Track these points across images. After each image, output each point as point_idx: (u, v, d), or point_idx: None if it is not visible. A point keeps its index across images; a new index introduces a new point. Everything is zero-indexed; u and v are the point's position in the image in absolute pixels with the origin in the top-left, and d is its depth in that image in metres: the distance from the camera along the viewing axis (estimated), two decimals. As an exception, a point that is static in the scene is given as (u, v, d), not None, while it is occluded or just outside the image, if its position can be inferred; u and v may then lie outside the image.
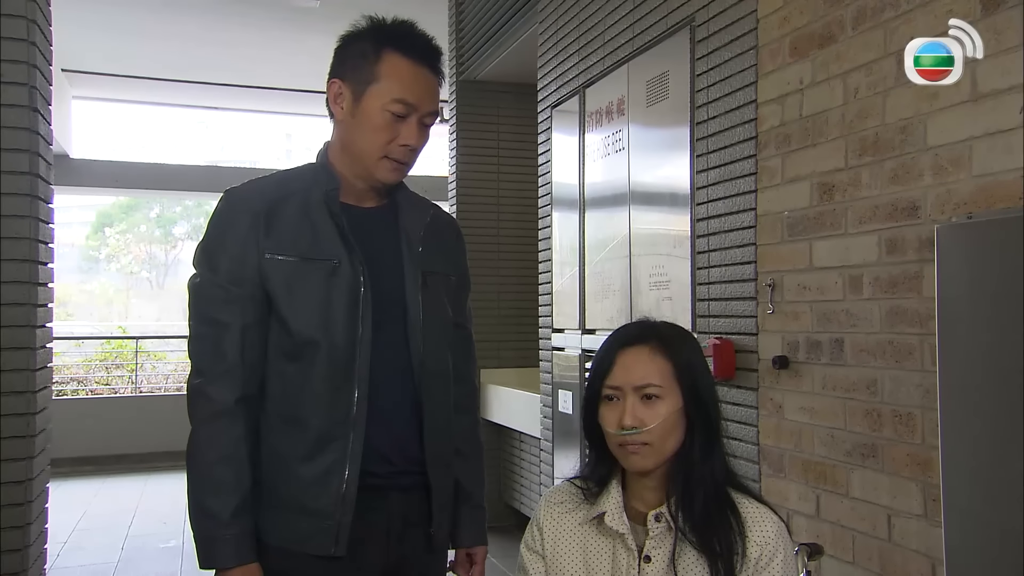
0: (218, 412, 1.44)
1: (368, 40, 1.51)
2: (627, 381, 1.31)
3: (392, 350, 1.52)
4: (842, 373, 2.13)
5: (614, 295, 3.37)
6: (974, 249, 1.69)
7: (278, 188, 1.53)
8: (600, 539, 1.35)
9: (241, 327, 1.46)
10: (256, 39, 6.88)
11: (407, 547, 1.55)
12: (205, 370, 1.46)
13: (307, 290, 1.47)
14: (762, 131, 2.43)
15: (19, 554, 2.65)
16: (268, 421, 1.49)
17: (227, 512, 1.41)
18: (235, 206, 1.51)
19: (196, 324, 1.49)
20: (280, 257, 1.47)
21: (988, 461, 1.63)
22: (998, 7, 1.71)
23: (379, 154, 1.51)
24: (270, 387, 1.49)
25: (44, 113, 2.87)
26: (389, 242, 1.57)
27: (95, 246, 22.48)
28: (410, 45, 1.51)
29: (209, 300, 1.47)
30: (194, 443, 1.47)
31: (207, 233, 1.52)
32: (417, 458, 1.54)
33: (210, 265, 1.48)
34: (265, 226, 1.47)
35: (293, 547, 1.47)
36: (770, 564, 1.28)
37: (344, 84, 1.52)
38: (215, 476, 1.43)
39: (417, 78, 1.51)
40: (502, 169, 5.55)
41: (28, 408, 2.70)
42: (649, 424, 1.28)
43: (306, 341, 1.46)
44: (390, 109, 1.49)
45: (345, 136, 1.54)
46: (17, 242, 2.70)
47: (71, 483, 6.72)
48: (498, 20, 4.95)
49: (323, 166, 1.57)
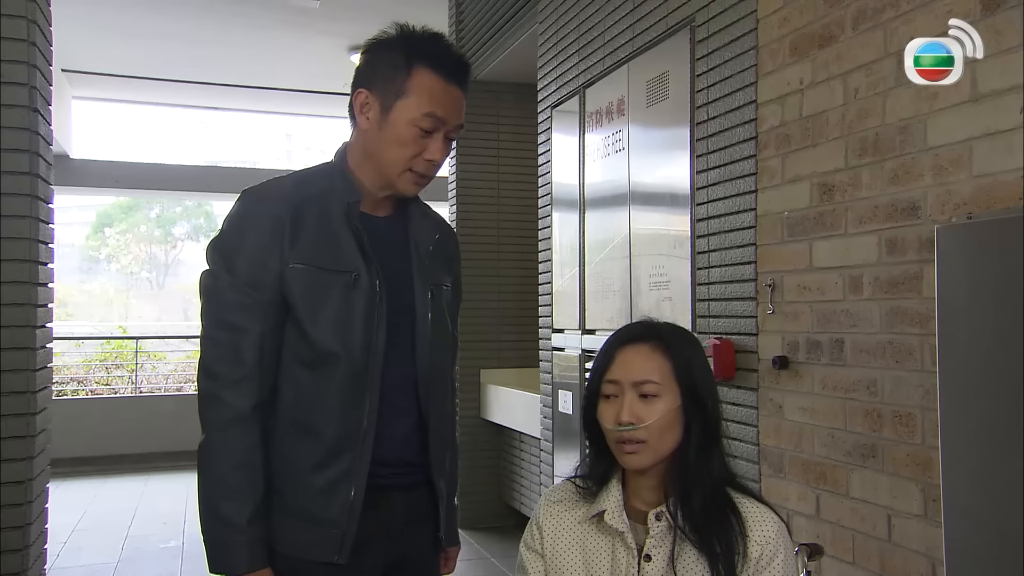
0: (234, 418, 1.43)
1: (399, 52, 1.50)
2: (626, 377, 1.31)
3: (401, 361, 1.53)
4: (842, 373, 2.13)
5: (614, 295, 3.37)
6: (974, 249, 1.69)
7: (298, 192, 1.51)
8: (599, 537, 1.35)
9: (260, 333, 1.44)
10: (256, 39, 6.88)
11: (408, 544, 1.56)
12: (222, 375, 1.44)
13: (328, 301, 1.46)
14: (762, 131, 2.43)
15: (19, 554, 2.65)
16: (279, 428, 1.48)
17: (243, 518, 1.41)
18: (257, 209, 1.49)
19: (211, 327, 1.47)
20: (303, 267, 1.46)
21: (988, 461, 1.63)
22: (998, 7, 1.71)
23: (404, 168, 1.51)
24: (283, 394, 1.48)
25: (44, 113, 2.87)
26: (400, 254, 1.58)
27: (95, 246, 22.49)
28: (442, 62, 1.51)
29: (226, 303, 1.45)
30: (209, 449, 1.45)
31: (225, 233, 1.50)
32: (418, 461, 1.55)
33: (228, 267, 1.46)
34: (291, 234, 1.46)
35: (296, 553, 1.46)
36: (771, 564, 1.28)
37: (372, 94, 1.51)
38: (231, 482, 1.42)
39: (448, 95, 1.51)
40: (502, 169, 5.55)
41: (28, 408, 2.70)
42: (646, 420, 1.29)
43: (327, 352, 1.45)
44: (419, 124, 1.48)
45: (369, 146, 1.53)
46: (17, 242, 2.70)
47: (71, 483, 6.72)
48: (498, 20, 4.95)
49: (342, 172, 1.56)
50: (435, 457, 1.57)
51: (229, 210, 1.53)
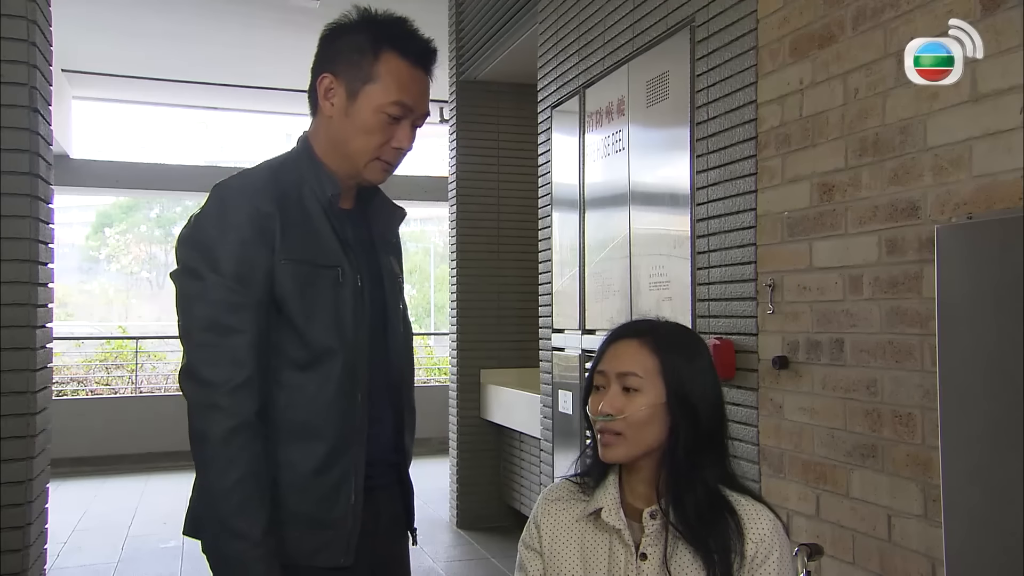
0: (238, 427, 1.33)
1: (364, 34, 1.46)
2: (612, 369, 1.33)
3: (379, 357, 1.51)
4: (842, 373, 2.13)
5: (614, 295, 3.37)
6: (974, 249, 1.69)
7: (276, 184, 1.45)
8: (597, 534, 1.35)
9: (256, 334, 1.36)
10: (256, 39, 6.88)
11: (386, 543, 1.56)
12: (219, 381, 1.33)
13: (321, 297, 1.42)
14: (762, 131, 2.43)
15: (19, 554, 2.65)
16: (272, 435, 1.39)
17: (258, 531, 1.33)
18: (237, 203, 1.40)
19: (198, 330, 1.36)
20: (294, 262, 1.40)
21: (988, 461, 1.63)
22: (998, 7, 1.71)
23: (371, 155, 1.47)
24: (275, 400, 1.40)
25: (44, 113, 2.87)
26: (367, 247, 1.55)
27: (95, 246, 22.47)
28: (409, 46, 1.47)
29: (215, 303, 1.35)
30: (213, 461, 1.34)
31: (203, 229, 1.39)
32: (395, 460, 1.56)
33: (212, 266, 1.36)
34: (281, 230, 1.39)
35: (301, 561, 1.41)
36: (766, 561, 1.27)
37: (337, 79, 1.46)
38: (241, 495, 1.33)
39: (415, 81, 1.48)
40: (502, 169, 5.55)
41: (28, 408, 2.70)
42: (624, 413, 1.30)
43: (324, 350, 1.41)
44: (387, 111, 1.45)
45: (335, 134, 1.48)
46: (17, 242, 2.70)
47: (71, 483, 6.72)
48: (498, 20, 4.95)
49: (313, 162, 1.49)
50: (407, 453, 1.57)
51: (203, 206, 1.43)
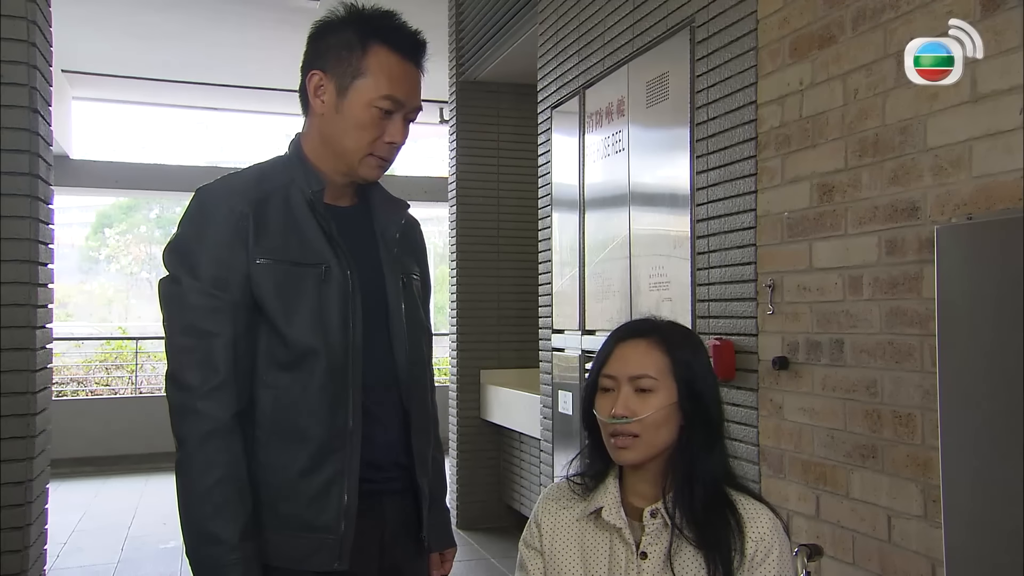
0: (213, 431, 1.34)
1: (351, 30, 1.45)
2: (622, 371, 1.32)
3: (379, 356, 1.48)
4: (842, 374, 2.13)
5: (614, 296, 3.37)
6: (974, 250, 1.69)
7: (256, 186, 1.44)
8: (598, 534, 1.35)
9: (232, 337, 1.36)
10: (256, 39, 6.88)
11: (398, 553, 1.52)
12: (195, 385, 1.34)
13: (301, 296, 1.40)
14: (762, 132, 2.43)
15: (19, 555, 2.65)
16: (260, 436, 1.40)
17: (234, 535, 1.32)
18: (214, 206, 1.41)
19: (178, 334, 1.37)
20: (271, 262, 1.39)
21: (988, 461, 1.63)
22: (998, 7, 1.71)
23: (365, 151, 1.46)
24: (261, 400, 1.40)
25: (44, 114, 2.87)
26: (368, 244, 1.53)
27: (95, 247, 22.46)
28: (398, 39, 1.46)
29: (193, 308, 1.36)
30: (188, 465, 1.35)
31: (182, 234, 1.41)
32: (404, 463, 1.52)
33: (190, 270, 1.37)
34: (255, 230, 1.39)
35: (293, 566, 1.40)
36: (766, 560, 1.28)
37: (326, 76, 1.45)
38: (217, 499, 1.33)
39: (406, 74, 1.46)
40: (502, 169, 5.55)
41: (28, 409, 2.70)
42: (640, 414, 1.29)
43: (305, 350, 1.39)
44: (378, 106, 1.43)
45: (327, 131, 1.47)
46: (17, 243, 2.70)
47: (71, 484, 6.72)
48: (498, 20, 4.95)
49: (301, 162, 1.49)
50: (419, 456, 1.52)
51: (184, 211, 1.44)
